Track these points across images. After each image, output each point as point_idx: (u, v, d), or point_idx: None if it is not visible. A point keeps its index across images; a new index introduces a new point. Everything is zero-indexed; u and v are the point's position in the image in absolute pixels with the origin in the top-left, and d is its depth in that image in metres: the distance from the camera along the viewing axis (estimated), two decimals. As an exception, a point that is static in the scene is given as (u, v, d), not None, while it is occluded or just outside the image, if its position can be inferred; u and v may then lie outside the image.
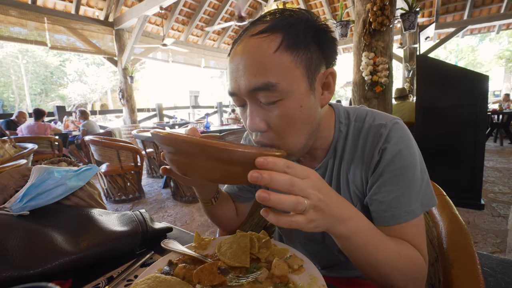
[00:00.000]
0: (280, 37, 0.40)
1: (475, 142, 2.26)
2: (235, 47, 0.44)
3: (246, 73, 0.40)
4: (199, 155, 0.32)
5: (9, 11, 4.45)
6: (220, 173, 0.33)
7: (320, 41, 0.43)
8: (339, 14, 3.31)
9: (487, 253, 1.34)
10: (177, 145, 0.33)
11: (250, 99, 0.43)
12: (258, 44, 0.40)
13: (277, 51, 0.39)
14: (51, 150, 3.71)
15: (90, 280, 0.46)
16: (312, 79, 0.43)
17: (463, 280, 0.44)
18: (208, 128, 4.10)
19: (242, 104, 0.46)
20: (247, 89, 0.41)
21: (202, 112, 10.16)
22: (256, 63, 0.40)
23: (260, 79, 0.39)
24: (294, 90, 0.41)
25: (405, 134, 0.48)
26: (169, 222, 2.16)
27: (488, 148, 5.10)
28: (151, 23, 6.81)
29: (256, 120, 0.42)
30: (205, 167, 0.33)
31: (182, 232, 0.65)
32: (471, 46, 20.45)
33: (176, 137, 0.33)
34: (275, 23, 0.41)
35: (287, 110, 0.41)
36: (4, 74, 17.03)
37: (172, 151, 0.35)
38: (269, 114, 0.42)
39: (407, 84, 6.28)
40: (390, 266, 0.40)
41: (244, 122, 0.47)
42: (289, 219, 0.30)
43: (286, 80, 0.40)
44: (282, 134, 0.43)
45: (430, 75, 2.37)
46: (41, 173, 0.61)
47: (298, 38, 0.40)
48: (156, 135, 0.35)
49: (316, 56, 0.42)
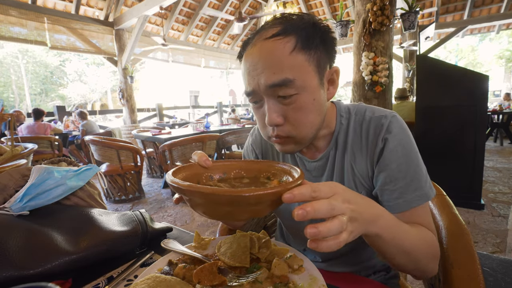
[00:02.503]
0: (294, 39, 0.45)
1: (475, 142, 2.26)
2: (248, 49, 0.49)
3: (266, 71, 0.45)
4: (227, 204, 0.32)
5: (9, 11, 4.45)
6: (247, 214, 0.35)
7: (325, 41, 0.48)
8: (339, 14, 3.31)
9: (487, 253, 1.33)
10: (203, 198, 0.32)
11: (268, 95, 0.47)
12: (274, 46, 0.45)
13: (293, 51, 0.45)
14: (51, 150, 3.71)
15: (90, 280, 0.46)
16: (321, 75, 0.49)
17: (463, 280, 0.44)
18: (208, 128, 4.10)
19: (256, 101, 0.50)
20: (267, 85, 0.45)
21: (202, 112, 10.16)
22: (274, 62, 0.45)
23: (279, 76, 0.44)
24: (307, 85, 0.46)
25: (404, 125, 0.53)
26: (169, 222, 2.16)
27: (488, 148, 5.10)
28: (151, 23, 6.81)
29: (274, 115, 0.47)
30: (233, 212, 0.34)
31: (182, 232, 0.65)
32: (471, 46, 20.45)
33: (201, 190, 0.31)
34: (287, 27, 0.46)
35: (302, 103, 0.47)
36: (4, 74, 17.02)
37: (196, 202, 0.35)
38: (286, 108, 0.47)
39: (407, 84, 6.28)
40: (416, 252, 0.43)
41: (259, 118, 0.52)
42: (337, 241, 0.31)
43: (301, 77, 0.45)
44: (297, 125, 0.48)
45: (430, 75, 2.37)
46: (41, 173, 0.61)
47: (309, 40, 0.46)
48: (178, 188, 0.34)
49: (323, 55, 0.48)
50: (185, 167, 0.44)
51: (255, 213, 0.36)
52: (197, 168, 0.45)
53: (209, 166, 0.46)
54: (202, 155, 0.46)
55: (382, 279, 0.64)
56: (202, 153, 0.46)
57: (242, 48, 0.51)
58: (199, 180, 0.45)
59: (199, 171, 0.46)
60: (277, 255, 0.46)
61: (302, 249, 0.66)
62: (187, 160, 2.97)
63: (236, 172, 0.48)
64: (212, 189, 0.31)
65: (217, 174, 0.47)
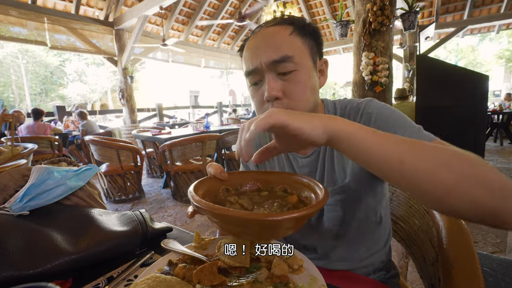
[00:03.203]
0: (291, 27, 0.53)
1: (475, 142, 2.26)
2: (250, 39, 0.56)
3: (268, 49, 0.51)
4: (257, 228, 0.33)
5: (9, 11, 4.45)
6: (270, 235, 0.37)
7: (315, 35, 0.56)
8: (339, 14, 3.31)
9: (487, 253, 1.34)
10: (237, 222, 0.33)
11: (269, 70, 0.52)
12: (275, 30, 0.53)
13: (291, 34, 0.53)
14: (51, 150, 3.71)
15: (90, 280, 0.46)
16: (314, 61, 0.56)
17: (463, 280, 0.44)
18: (208, 128, 4.10)
19: (257, 81, 0.55)
20: (269, 61, 0.51)
21: (202, 112, 10.16)
22: (276, 42, 0.52)
23: (280, 53, 0.51)
24: (304, 64, 0.53)
25: (381, 104, 0.57)
26: (169, 222, 2.16)
27: (488, 148, 5.10)
28: (151, 23, 6.81)
29: (274, 88, 0.51)
30: (260, 233, 0.35)
31: (182, 232, 0.65)
32: (471, 46, 20.43)
33: (234, 214, 0.31)
34: (285, 20, 0.55)
35: (300, 78, 0.52)
36: (4, 74, 17.02)
37: (226, 225, 0.35)
38: (285, 84, 0.52)
39: (407, 84, 6.28)
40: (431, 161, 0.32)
41: (258, 98, 0.55)
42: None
43: (299, 56, 0.52)
44: (295, 99, 0.52)
45: (430, 75, 2.37)
46: (41, 173, 0.61)
47: (304, 29, 0.54)
48: (208, 211, 0.33)
49: (314, 46, 0.56)
50: (203, 181, 0.44)
51: (278, 234, 0.37)
52: (214, 181, 0.46)
53: (225, 178, 0.46)
54: (217, 167, 0.46)
55: (382, 279, 0.64)
56: (217, 165, 0.47)
57: (244, 42, 0.59)
58: (216, 194, 0.45)
59: (216, 184, 0.46)
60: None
61: (302, 246, 0.67)
62: (187, 160, 2.97)
63: (252, 184, 0.49)
64: (244, 213, 0.31)
65: (233, 187, 0.48)
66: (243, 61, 0.58)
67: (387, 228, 0.67)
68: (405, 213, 0.76)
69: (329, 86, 21.97)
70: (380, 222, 0.64)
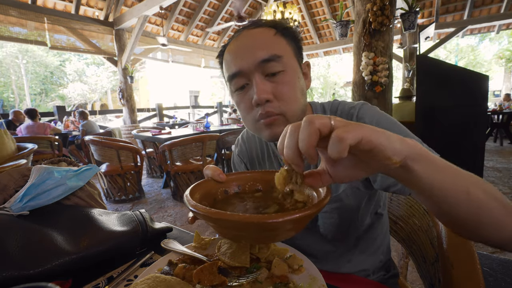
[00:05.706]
0: (274, 29, 0.53)
1: (475, 142, 2.26)
2: (232, 41, 0.54)
3: (254, 49, 0.49)
4: (256, 231, 0.32)
5: (9, 11, 4.45)
6: (271, 238, 0.37)
7: (295, 39, 0.55)
8: (339, 14, 3.31)
9: (487, 253, 1.34)
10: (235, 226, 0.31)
11: (257, 72, 0.49)
12: (259, 31, 0.52)
13: (276, 35, 0.52)
14: (51, 150, 3.71)
15: (90, 280, 0.46)
16: (299, 62, 0.55)
17: (463, 280, 0.44)
18: (208, 128, 4.10)
19: (243, 85, 0.52)
20: (258, 61, 0.49)
21: (202, 112, 10.16)
22: (262, 42, 0.50)
23: (268, 52, 0.49)
24: (291, 64, 0.52)
25: (374, 108, 0.55)
26: (169, 222, 2.16)
27: (488, 148, 5.10)
28: (151, 23, 6.80)
29: (264, 91, 0.49)
30: (259, 236, 0.35)
31: (182, 232, 0.65)
32: (471, 46, 20.42)
33: (232, 218, 0.30)
34: (265, 23, 0.53)
35: (288, 79, 0.51)
36: (4, 74, 17.01)
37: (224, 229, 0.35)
38: (274, 85, 0.50)
39: (407, 84, 6.28)
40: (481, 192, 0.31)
41: (245, 104, 0.53)
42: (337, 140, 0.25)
43: (286, 56, 0.51)
44: (286, 101, 0.50)
45: (430, 75, 2.37)
46: (41, 173, 0.61)
47: (286, 30, 0.54)
48: (204, 215, 0.32)
49: (296, 49, 0.55)
50: (200, 184, 0.43)
51: (278, 237, 0.36)
52: (212, 184, 0.44)
53: (224, 180, 0.44)
54: (215, 169, 0.44)
55: (381, 279, 0.64)
56: (215, 167, 0.45)
57: (223, 47, 0.57)
58: (215, 197, 0.44)
59: (214, 186, 0.45)
60: (277, 255, 0.46)
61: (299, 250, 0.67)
62: (187, 160, 2.97)
63: (250, 185, 0.47)
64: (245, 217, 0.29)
65: (231, 188, 0.46)
66: (224, 66, 0.54)
67: (384, 228, 0.67)
68: (405, 213, 0.76)
69: (329, 86, 21.95)
70: (378, 223, 0.64)
